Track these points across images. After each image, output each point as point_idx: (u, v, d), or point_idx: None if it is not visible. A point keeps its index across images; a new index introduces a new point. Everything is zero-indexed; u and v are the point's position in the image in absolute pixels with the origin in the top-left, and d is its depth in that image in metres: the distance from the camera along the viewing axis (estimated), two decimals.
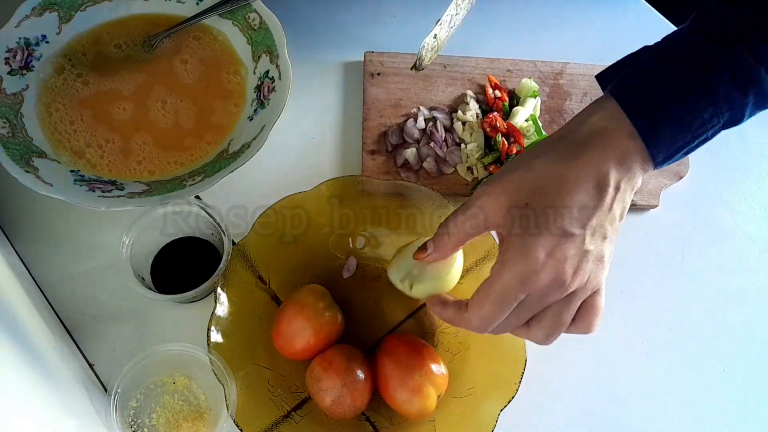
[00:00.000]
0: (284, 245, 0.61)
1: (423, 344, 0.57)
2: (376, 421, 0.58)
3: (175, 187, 0.60)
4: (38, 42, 0.64)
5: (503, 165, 0.60)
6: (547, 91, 0.73)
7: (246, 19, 0.67)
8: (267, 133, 0.60)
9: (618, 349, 0.64)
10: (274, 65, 0.65)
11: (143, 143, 0.64)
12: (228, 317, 0.57)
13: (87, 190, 0.59)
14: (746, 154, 0.73)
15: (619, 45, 0.78)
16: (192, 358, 0.55)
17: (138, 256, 0.59)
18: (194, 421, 0.56)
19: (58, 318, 0.61)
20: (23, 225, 0.64)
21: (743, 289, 0.67)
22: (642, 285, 0.66)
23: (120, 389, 0.54)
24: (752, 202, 0.71)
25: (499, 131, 0.67)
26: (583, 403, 0.62)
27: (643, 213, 0.69)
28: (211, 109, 0.66)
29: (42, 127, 0.62)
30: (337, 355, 0.55)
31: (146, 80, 0.67)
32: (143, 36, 0.68)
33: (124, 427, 0.54)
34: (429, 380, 0.54)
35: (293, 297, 0.57)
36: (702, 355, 0.64)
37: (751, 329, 0.65)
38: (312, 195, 0.60)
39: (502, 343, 0.57)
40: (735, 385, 0.63)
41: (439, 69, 0.72)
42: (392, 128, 0.69)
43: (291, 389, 0.58)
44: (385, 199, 0.62)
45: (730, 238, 0.69)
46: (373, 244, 0.64)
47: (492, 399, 0.55)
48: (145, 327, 0.61)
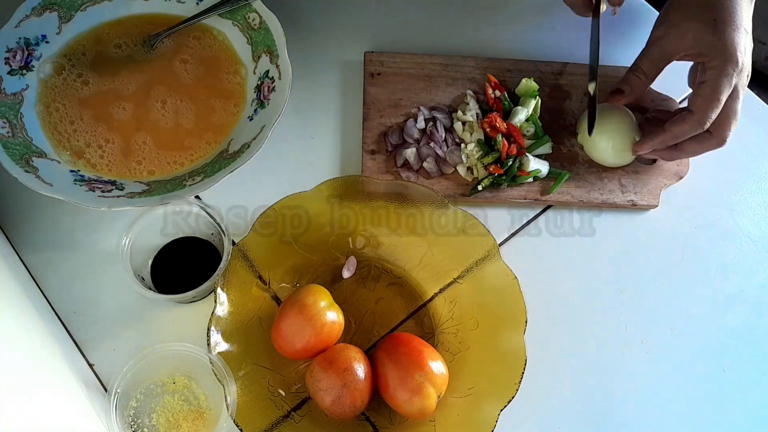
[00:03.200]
0: (284, 245, 0.61)
1: (423, 344, 0.57)
2: (376, 421, 0.58)
3: (175, 187, 0.60)
4: (38, 42, 0.64)
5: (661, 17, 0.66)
6: (547, 91, 0.73)
7: (246, 19, 0.67)
8: (267, 133, 0.60)
9: (618, 349, 0.64)
10: (274, 65, 0.65)
11: (143, 143, 0.64)
12: (228, 317, 0.57)
13: (87, 190, 0.59)
14: (746, 154, 0.73)
15: (619, 45, 0.78)
16: (192, 358, 0.55)
17: (138, 256, 0.59)
18: (194, 421, 0.56)
19: (58, 318, 0.61)
20: (23, 225, 0.64)
21: (743, 289, 0.67)
22: (642, 285, 0.66)
23: (120, 389, 0.54)
24: (752, 202, 0.71)
25: (499, 131, 0.67)
26: (583, 403, 0.62)
27: (643, 213, 0.69)
28: (211, 109, 0.66)
29: (42, 127, 0.62)
30: (337, 355, 0.55)
31: (146, 80, 0.66)
32: (143, 36, 0.68)
33: (124, 427, 0.54)
34: (429, 380, 0.54)
35: (293, 297, 0.57)
36: (702, 355, 0.64)
37: (751, 329, 0.65)
38: (312, 195, 0.60)
39: (502, 343, 0.57)
40: (735, 385, 0.63)
41: (439, 69, 0.72)
42: (392, 128, 0.69)
43: (291, 389, 0.58)
44: (385, 199, 0.62)
45: (730, 238, 0.69)
46: (373, 244, 0.64)
47: (492, 399, 0.55)
48: (145, 327, 0.61)
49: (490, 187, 0.67)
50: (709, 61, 0.61)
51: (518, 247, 0.67)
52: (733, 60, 0.60)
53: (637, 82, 0.65)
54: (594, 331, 0.64)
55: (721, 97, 0.60)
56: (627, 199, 0.68)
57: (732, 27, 0.60)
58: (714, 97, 0.60)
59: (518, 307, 0.57)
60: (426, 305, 0.62)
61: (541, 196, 0.68)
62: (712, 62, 0.60)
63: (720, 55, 0.60)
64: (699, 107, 0.61)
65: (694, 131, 0.62)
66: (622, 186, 0.69)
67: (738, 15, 0.61)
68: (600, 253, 0.67)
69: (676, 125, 0.63)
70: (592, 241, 0.68)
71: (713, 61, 0.60)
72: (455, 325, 0.61)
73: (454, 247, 0.61)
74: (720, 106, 0.60)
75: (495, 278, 0.59)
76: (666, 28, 0.63)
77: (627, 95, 0.65)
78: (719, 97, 0.60)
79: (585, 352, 0.63)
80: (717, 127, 0.62)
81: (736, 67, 0.60)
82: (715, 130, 0.62)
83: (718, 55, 0.60)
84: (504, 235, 0.67)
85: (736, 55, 0.60)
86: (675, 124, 0.63)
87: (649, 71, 0.64)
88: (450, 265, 0.62)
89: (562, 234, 0.68)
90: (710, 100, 0.60)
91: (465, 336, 0.60)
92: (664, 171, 0.70)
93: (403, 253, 0.63)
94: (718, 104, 0.60)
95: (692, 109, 0.61)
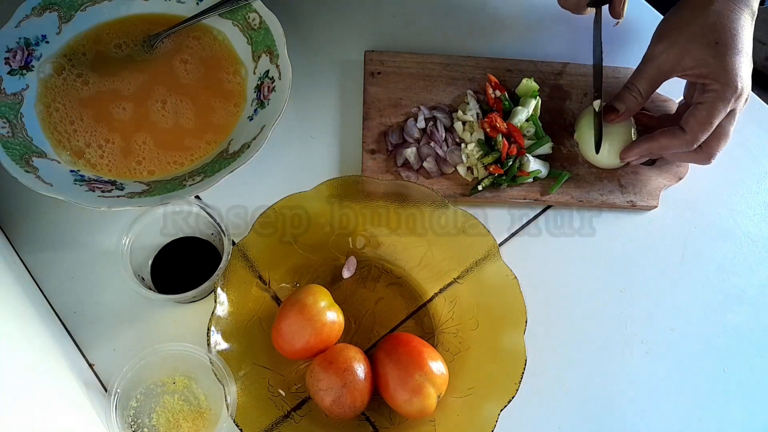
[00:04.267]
0: (284, 245, 0.61)
1: (423, 344, 0.57)
2: (376, 421, 0.58)
3: (175, 187, 0.60)
4: (38, 42, 0.64)
5: (664, 22, 0.65)
6: (547, 91, 0.73)
7: (246, 19, 0.67)
8: (267, 133, 0.60)
9: (618, 349, 0.64)
10: (274, 65, 0.65)
11: (143, 143, 0.64)
12: (228, 317, 0.57)
13: (87, 190, 0.59)
14: (746, 154, 0.73)
15: (619, 45, 0.78)
16: (192, 358, 0.55)
17: (138, 256, 0.59)
18: (194, 421, 0.56)
19: (58, 318, 0.61)
20: (23, 225, 0.64)
21: (743, 289, 0.67)
22: (642, 285, 0.66)
23: (120, 389, 0.54)
24: (752, 202, 0.71)
25: (500, 131, 0.67)
26: (583, 403, 0.62)
27: (643, 213, 0.69)
28: (211, 109, 0.66)
29: (42, 127, 0.62)
30: (337, 355, 0.55)
31: (146, 80, 0.66)
32: (143, 36, 0.68)
33: (124, 427, 0.54)
34: (429, 380, 0.54)
35: (293, 297, 0.57)
36: (702, 355, 0.64)
37: (751, 329, 0.65)
38: (312, 195, 0.60)
39: (502, 343, 0.57)
40: (735, 385, 0.63)
41: (440, 68, 0.72)
42: (392, 128, 0.69)
43: (291, 389, 0.58)
44: (385, 199, 0.62)
45: (730, 238, 0.69)
46: (373, 244, 0.64)
47: (492, 399, 0.55)
48: (145, 327, 0.61)
49: (490, 187, 0.67)
50: (709, 84, 0.60)
51: (518, 247, 0.67)
52: (732, 86, 0.59)
53: (632, 101, 0.64)
54: (594, 331, 0.64)
55: (715, 121, 0.60)
56: (627, 200, 0.68)
57: (734, 51, 0.60)
58: (708, 120, 0.60)
59: (518, 307, 0.57)
60: (426, 305, 0.62)
61: (541, 196, 0.68)
62: (712, 86, 0.60)
63: (719, 79, 0.59)
64: (691, 128, 0.61)
65: (682, 149, 0.62)
66: (621, 186, 0.69)
67: (740, 39, 0.60)
68: (600, 253, 0.67)
69: (665, 138, 0.63)
70: (592, 242, 0.68)
71: (713, 85, 0.60)
72: (455, 325, 0.61)
73: (454, 247, 0.61)
74: (712, 129, 0.61)
75: (495, 278, 0.59)
76: (665, 47, 0.62)
77: (622, 114, 0.65)
78: (713, 121, 0.60)
79: (585, 352, 0.63)
80: (706, 145, 0.62)
81: (735, 92, 0.59)
82: (705, 147, 0.62)
83: (717, 80, 0.60)
84: (504, 235, 0.67)
85: (736, 81, 0.59)
86: (664, 137, 0.63)
87: (645, 90, 0.64)
88: (450, 265, 0.62)
89: (562, 234, 0.68)
90: (704, 123, 0.60)
91: (465, 336, 0.60)
92: (664, 171, 0.70)
93: (403, 253, 0.63)
94: (710, 128, 0.61)
95: (684, 128, 0.61)
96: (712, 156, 0.63)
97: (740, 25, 0.61)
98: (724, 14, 0.60)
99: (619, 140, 0.66)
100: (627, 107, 0.65)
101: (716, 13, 0.60)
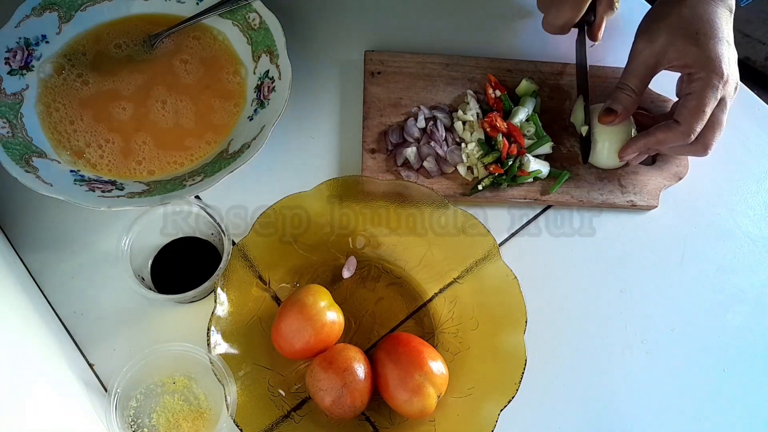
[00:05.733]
0: (284, 245, 0.61)
1: (423, 344, 0.57)
2: (376, 421, 0.58)
3: (175, 187, 0.60)
4: (38, 42, 0.64)
5: (647, 17, 0.66)
6: (547, 91, 0.73)
7: (246, 19, 0.67)
8: (267, 133, 0.60)
9: (618, 349, 0.64)
10: (274, 65, 0.65)
11: (143, 143, 0.64)
12: (228, 317, 0.57)
13: (87, 190, 0.59)
14: (746, 154, 0.73)
15: (619, 45, 0.78)
16: (192, 358, 0.55)
17: (138, 256, 0.59)
18: (194, 421, 0.56)
19: (58, 318, 0.61)
20: (23, 225, 0.64)
21: (743, 289, 0.67)
22: (642, 285, 0.66)
23: (120, 389, 0.54)
24: (752, 202, 0.71)
25: (500, 131, 0.67)
26: (583, 403, 0.62)
27: (643, 213, 0.69)
28: (211, 109, 0.66)
29: (42, 127, 0.63)
30: (337, 355, 0.55)
31: (146, 80, 0.67)
32: (143, 36, 0.68)
33: (124, 427, 0.54)
34: (429, 380, 0.54)
35: (293, 297, 0.57)
36: (702, 355, 0.64)
37: (751, 329, 0.65)
38: (312, 195, 0.60)
39: (502, 343, 0.57)
40: (735, 385, 0.63)
41: (440, 68, 0.72)
42: (392, 127, 0.69)
43: (291, 389, 0.58)
44: (385, 199, 0.62)
45: (730, 238, 0.69)
46: (373, 244, 0.64)
47: (492, 399, 0.55)
48: (145, 327, 0.61)
49: (490, 186, 0.67)
50: (695, 72, 0.61)
51: (518, 247, 0.67)
52: (718, 72, 0.60)
53: (627, 100, 0.64)
54: (594, 330, 0.64)
55: (707, 109, 0.61)
56: (627, 200, 0.68)
57: (715, 39, 0.61)
58: (700, 108, 0.60)
59: (518, 307, 0.57)
60: (426, 305, 0.62)
61: (541, 196, 0.68)
62: (698, 74, 0.61)
63: (705, 66, 0.60)
64: (685, 119, 0.61)
65: (678, 141, 0.62)
66: (621, 186, 0.69)
67: (719, 28, 0.62)
68: (600, 253, 0.67)
69: (661, 132, 0.63)
70: (592, 241, 0.68)
71: (699, 73, 0.61)
72: (455, 325, 0.61)
73: (454, 247, 0.61)
74: (706, 118, 0.61)
75: (495, 278, 0.59)
76: (647, 42, 0.63)
77: (620, 115, 0.65)
78: (705, 109, 0.60)
79: (585, 352, 0.63)
80: (701, 136, 0.62)
81: (722, 78, 0.60)
82: (700, 138, 0.63)
83: (703, 67, 0.60)
84: (504, 235, 0.67)
85: (721, 66, 0.60)
86: (660, 131, 0.63)
87: (636, 87, 0.64)
88: (450, 265, 0.62)
89: (562, 234, 0.68)
90: (696, 112, 0.61)
91: (465, 336, 0.60)
92: (664, 171, 0.70)
93: (403, 253, 0.63)
94: (703, 116, 0.61)
95: (678, 120, 0.62)
96: (708, 147, 0.63)
97: (717, 16, 0.62)
98: (701, 7, 0.62)
99: (619, 140, 0.66)
100: (623, 106, 0.65)
101: (692, 7, 0.62)
